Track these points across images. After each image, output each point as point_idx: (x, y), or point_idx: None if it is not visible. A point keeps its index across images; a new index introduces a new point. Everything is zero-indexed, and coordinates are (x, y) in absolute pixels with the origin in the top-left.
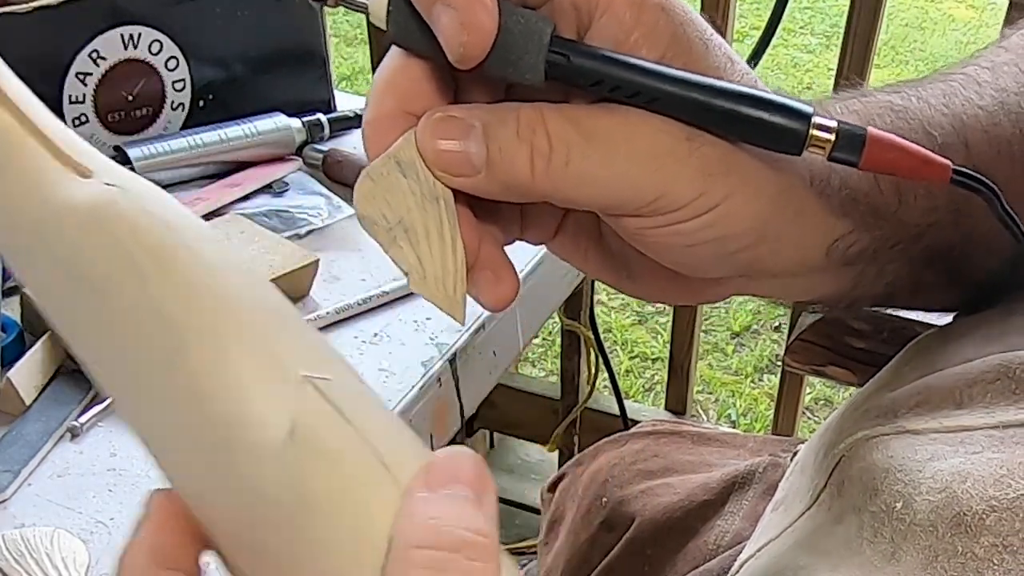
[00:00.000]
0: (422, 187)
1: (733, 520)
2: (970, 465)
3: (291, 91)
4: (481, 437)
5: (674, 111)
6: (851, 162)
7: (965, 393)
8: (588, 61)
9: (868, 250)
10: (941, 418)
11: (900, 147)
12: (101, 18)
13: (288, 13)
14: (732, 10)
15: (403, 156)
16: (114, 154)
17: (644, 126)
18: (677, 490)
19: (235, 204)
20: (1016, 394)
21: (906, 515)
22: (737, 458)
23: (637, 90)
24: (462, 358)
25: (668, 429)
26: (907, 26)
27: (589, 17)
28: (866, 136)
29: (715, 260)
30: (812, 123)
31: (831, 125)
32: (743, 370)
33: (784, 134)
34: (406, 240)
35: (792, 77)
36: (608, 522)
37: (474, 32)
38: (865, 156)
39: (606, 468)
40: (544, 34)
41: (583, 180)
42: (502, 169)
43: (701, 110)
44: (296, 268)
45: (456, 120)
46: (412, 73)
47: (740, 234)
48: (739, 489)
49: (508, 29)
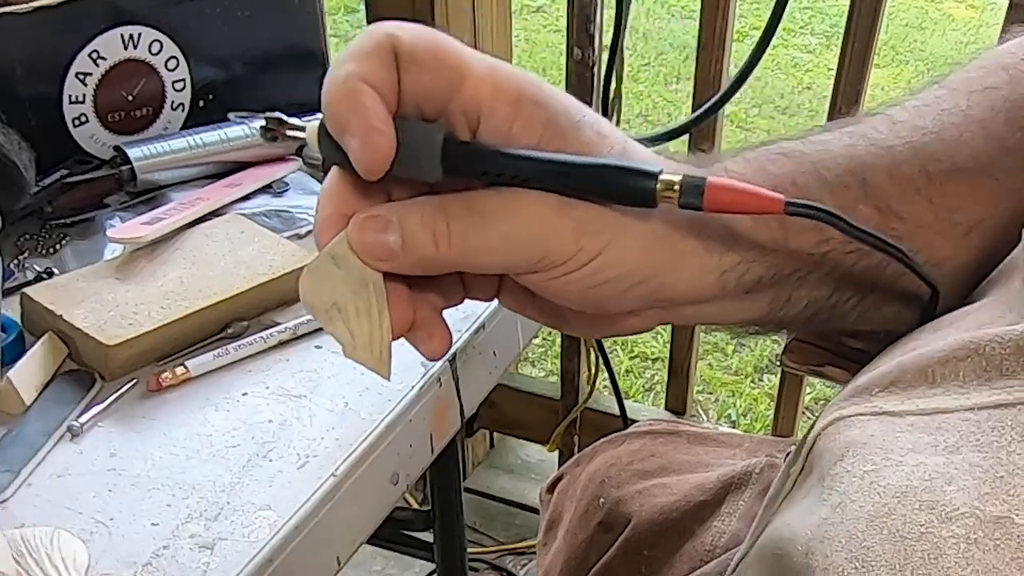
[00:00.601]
0: (353, 275)
1: (730, 521)
2: (953, 469)
3: (291, 91)
4: (481, 437)
5: (547, 187)
6: (697, 206)
7: (937, 372)
8: (472, 157)
9: (764, 278)
10: (916, 398)
11: (736, 189)
12: (101, 18)
13: (288, 13)
14: (732, 10)
15: (336, 251)
16: (114, 154)
17: (524, 201)
18: (674, 491)
19: (235, 204)
20: (987, 372)
21: (876, 480)
22: (734, 458)
23: (515, 174)
24: (462, 358)
25: (665, 429)
26: (907, 26)
27: (477, 118)
28: (705, 184)
29: (615, 298)
30: (659, 180)
31: (675, 179)
32: (743, 370)
33: (637, 192)
34: (340, 319)
35: (792, 77)
36: (605, 523)
37: (373, 152)
38: (707, 200)
39: (603, 469)
40: (437, 141)
41: (479, 251)
42: (414, 251)
43: (567, 183)
44: (296, 268)
45: (377, 218)
46: (345, 183)
47: (624, 275)
48: (736, 490)
49: (406, 142)
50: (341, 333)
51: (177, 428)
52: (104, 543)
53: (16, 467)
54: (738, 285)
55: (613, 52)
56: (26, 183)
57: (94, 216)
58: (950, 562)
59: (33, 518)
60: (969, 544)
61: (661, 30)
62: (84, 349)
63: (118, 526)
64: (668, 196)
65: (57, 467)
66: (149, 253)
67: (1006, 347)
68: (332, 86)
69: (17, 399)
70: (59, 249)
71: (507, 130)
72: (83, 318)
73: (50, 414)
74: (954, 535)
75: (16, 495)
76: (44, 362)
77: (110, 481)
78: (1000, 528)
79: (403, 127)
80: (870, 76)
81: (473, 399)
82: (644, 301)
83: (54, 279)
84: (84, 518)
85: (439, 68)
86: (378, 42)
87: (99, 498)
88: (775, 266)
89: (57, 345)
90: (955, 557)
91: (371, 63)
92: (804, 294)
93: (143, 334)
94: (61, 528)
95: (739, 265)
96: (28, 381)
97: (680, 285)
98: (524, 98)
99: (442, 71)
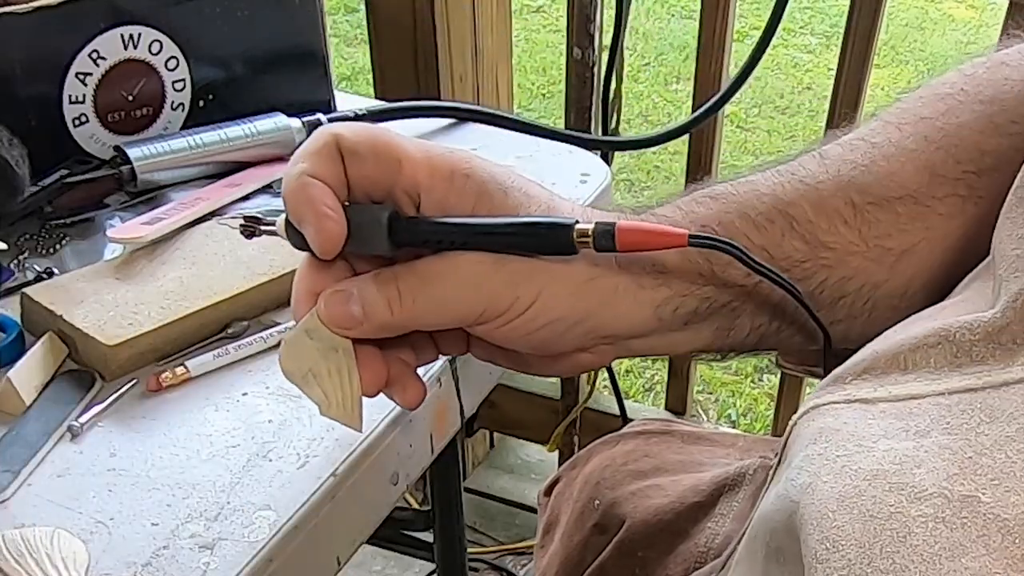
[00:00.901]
0: (324, 343)
1: (724, 522)
2: (923, 452)
3: (291, 91)
4: (481, 437)
5: (482, 247)
6: (611, 248)
7: (909, 359)
8: (415, 229)
9: (700, 310)
10: (888, 385)
11: (642, 229)
12: (101, 18)
13: (288, 13)
14: (732, 10)
15: (309, 325)
16: (114, 154)
17: (461, 262)
18: (668, 492)
19: (235, 204)
20: (957, 358)
21: (847, 464)
22: (727, 457)
23: (452, 239)
24: (462, 358)
25: (658, 428)
26: (907, 26)
27: (418, 195)
28: (614, 227)
29: (559, 339)
30: (575, 229)
31: (588, 228)
32: (743, 370)
33: (557, 242)
34: (314, 382)
35: (792, 77)
36: (600, 524)
37: (325, 235)
38: (619, 241)
39: (598, 470)
40: (383, 219)
41: (427, 310)
42: (373, 317)
43: (496, 242)
44: (296, 268)
45: (341, 292)
46: (313, 266)
47: (562, 318)
48: (729, 491)
49: (357, 223)
50: (316, 395)
51: (177, 428)
52: (104, 543)
53: (16, 467)
54: (675, 318)
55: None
56: (19, 180)
57: (94, 216)
58: (918, 540)
59: (33, 518)
60: (937, 523)
61: (661, 30)
62: (84, 349)
63: (118, 526)
64: (584, 242)
65: (57, 467)
66: (149, 253)
67: (975, 333)
68: (287, 183)
69: (17, 399)
70: (59, 249)
71: (444, 202)
72: (83, 318)
73: (50, 414)
74: (923, 514)
75: (16, 495)
76: (44, 362)
77: (110, 481)
78: (967, 507)
79: (353, 211)
80: (870, 76)
81: (473, 399)
82: (587, 339)
83: (54, 279)
84: (84, 518)
85: (378, 158)
86: (324, 141)
87: (99, 498)
88: (708, 298)
89: (57, 345)
90: (923, 535)
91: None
92: (745, 323)
93: (143, 334)
94: (61, 528)
95: (672, 299)
96: (28, 381)
97: (618, 322)
98: (456, 174)
99: (381, 160)
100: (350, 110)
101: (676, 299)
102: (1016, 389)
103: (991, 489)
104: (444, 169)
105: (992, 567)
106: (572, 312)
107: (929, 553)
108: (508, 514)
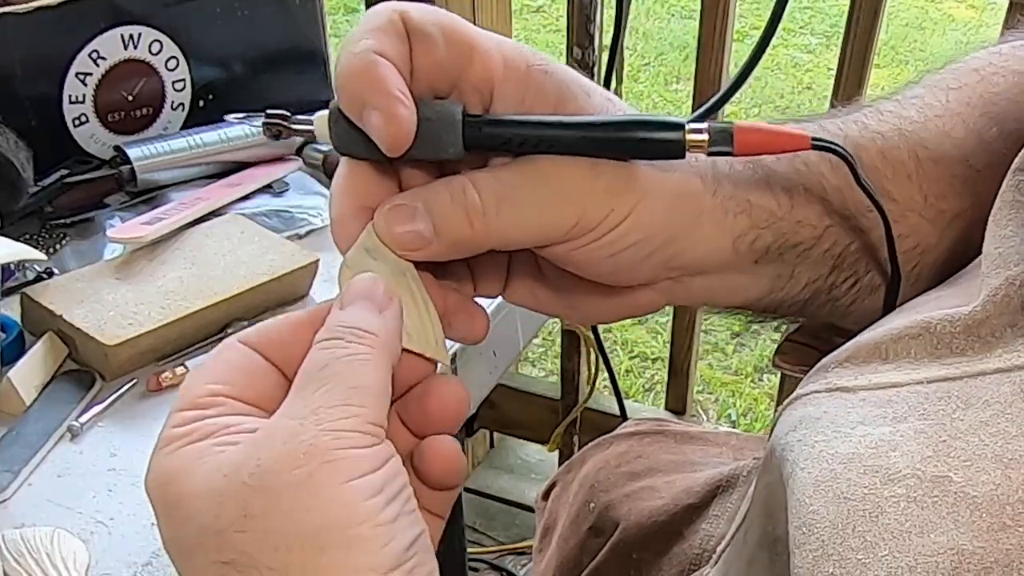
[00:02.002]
0: (389, 265)
1: (718, 523)
2: (899, 436)
3: (291, 91)
4: (481, 437)
5: (574, 150)
6: (727, 152)
7: (890, 348)
8: (495, 128)
9: (772, 248)
10: (869, 374)
11: (764, 129)
12: (101, 18)
13: (288, 13)
14: (732, 10)
15: (368, 243)
16: (114, 154)
17: (553, 168)
18: (662, 494)
19: (235, 204)
20: (938, 349)
21: (824, 449)
22: (720, 456)
23: (539, 141)
24: (462, 358)
25: (651, 429)
26: (907, 26)
27: (490, 93)
28: (733, 128)
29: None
30: (686, 129)
31: (703, 127)
32: (743, 370)
33: (667, 144)
34: None
35: (792, 77)
36: (596, 527)
37: (397, 123)
38: (737, 143)
39: (592, 473)
40: (456, 115)
41: (514, 223)
42: (448, 233)
43: (594, 143)
44: (296, 268)
45: (402, 207)
46: (360, 175)
47: (650, 237)
48: (723, 492)
49: (426, 117)
50: None
51: None
52: (104, 543)
53: (16, 467)
54: (749, 252)
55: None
56: (24, 182)
57: (94, 216)
58: (889, 519)
59: (33, 518)
60: (909, 502)
61: (661, 30)
62: (84, 349)
63: (118, 526)
64: (697, 145)
65: (57, 467)
66: (149, 253)
67: (955, 326)
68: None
69: (17, 399)
70: (59, 249)
71: (520, 101)
72: (83, 318)
73: (50, 414)
74: (895, 495)
75: (16, 495)
76: (44, 362)
77: (110, 481)
78: (938, 487)
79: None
80: (870, 76)
81: (473, 399)
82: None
83: (54, 279)
84: (84, 518)
85: (450, 42)
86: (389, 17)
87: (99, 498)
88: (782, 235)
89: (57, 345)
90: (894, 514)
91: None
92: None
93: (143, 334)
94: (61, 528)
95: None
96: (28, 381)
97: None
98: (533, 68)
99: (453, 45)
100: None
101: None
102: (992, 378)
103: (963, 470)
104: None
105: (959, 539)
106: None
107: (899, 530)
108: (508, 514)
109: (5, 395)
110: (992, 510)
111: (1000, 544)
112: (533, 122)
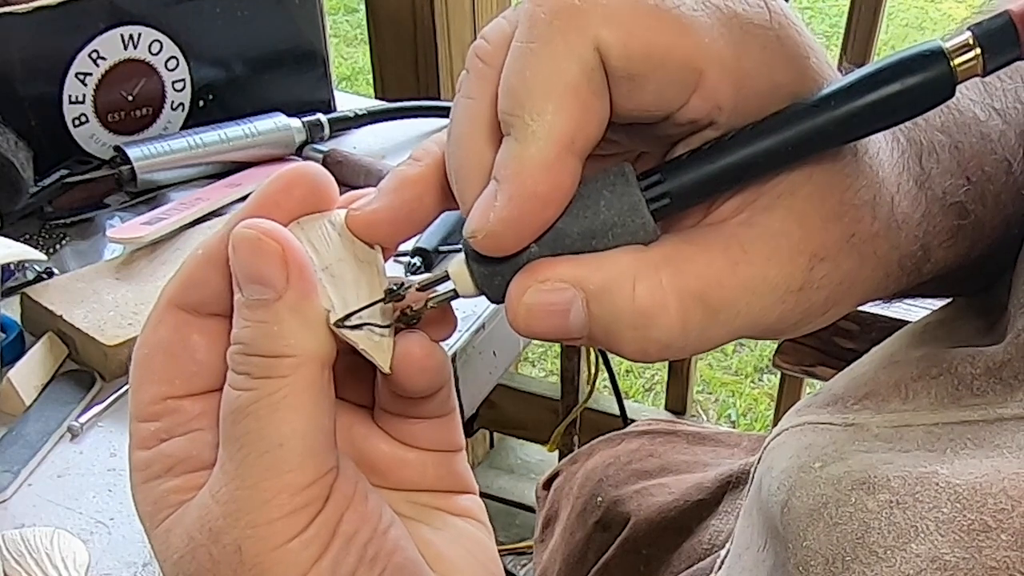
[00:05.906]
0: (355, 250)
1: (728, 519)
2: (896, 457)
3: (291, 91)
4: (481, 437)
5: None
6: (1014, 58)
7: (910, 388)
8: (700, 179)
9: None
10: (887, 413)
11: None
12: (101, 18)
13: (288, 13)
14: None
15: (336, 219)
16: (114, 154)
17: (762, 284)
18: (672, 490)
19: (235, 204)
20: (958, 391)
21: (819, 474)
22: (732, 457)
23: (752, 162)
24: (462, 358)
25: (663, 428)
26: (907, 26)
27: (710, 121)
28: (1009, 18)
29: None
30: (947, 52)
31: (965, 40)
32: (743, 370)
33: (932, 86)
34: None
35: None
36: (603, 521)
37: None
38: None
39: (601, 467)
40: (632, 192)
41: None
42: (607, 335)
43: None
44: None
45: (558, 291)
46: None
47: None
48: (733, 488)
49: (583, 200)
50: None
51: None
52: (104, 543)
53: (16, 467)
54: (915, 271)
55: None
56: (24, 182)
57: (94, 216)
58: (874, 536)
59: (33, 518)
60: (892, 508)
61: None
62: (84, 349)
63: (118, 526)
64: (967, 68)
65: (57, 467)
66: (149, 253)
67: (976, 367)
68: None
69: (17, 399)
70: (59, 249)
71: (760, 110)
72: (83, 318)
73: (50, 414)
74: (879, 504)
75: (16, 495)
76: (44, 362)
77: (110, 481)
78: (922, 482)
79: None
80: None
81: (473, 399)
82: None
83: (54, 279)
84: (84, 518)
85: (666, 75)
86: (583, 67)
87: (99, 498)
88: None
89: (57, 345)
90: (878, 529)
91: (569, 116)
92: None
93: None
94: (61, 528)
95: (911, 248)
96: (28, 381)
97: (868, 284)
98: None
99: (670, 80)
100: (350, 110)
101: (912, 246)
102: (1010, 424)
103: (950, 466)
104: (760, 80)
105: (939, 546)
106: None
107: (884, 546)
108: (508, 514)
109: (5, 395)
110: (973, 503)
111: (983, 555)
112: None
